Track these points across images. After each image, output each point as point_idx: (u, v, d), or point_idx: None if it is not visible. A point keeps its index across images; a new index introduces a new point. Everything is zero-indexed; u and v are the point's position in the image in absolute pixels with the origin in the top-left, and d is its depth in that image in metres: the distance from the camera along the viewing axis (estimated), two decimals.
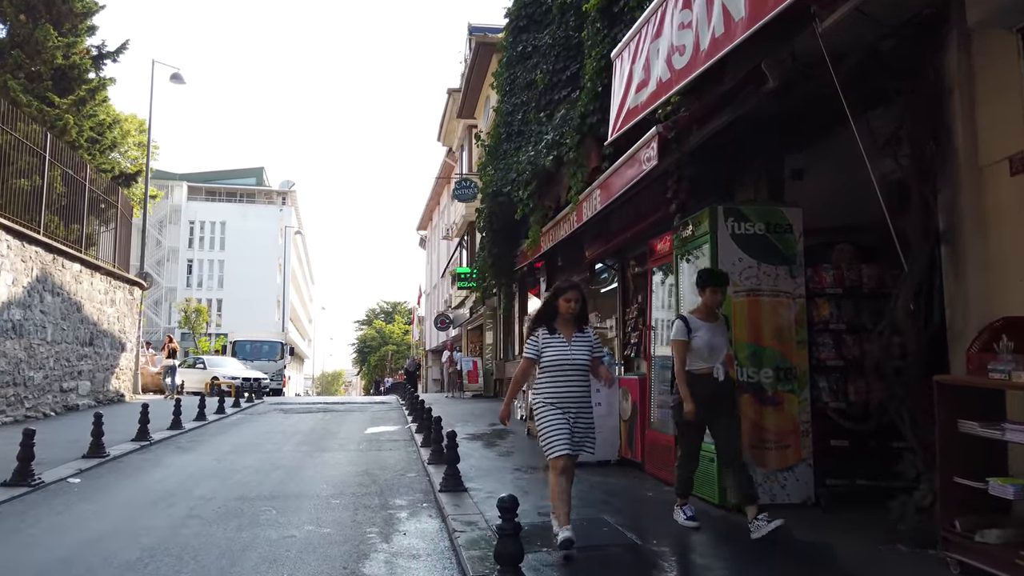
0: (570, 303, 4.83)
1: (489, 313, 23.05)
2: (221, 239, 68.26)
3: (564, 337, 4.86)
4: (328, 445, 10.75)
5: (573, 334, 4.89)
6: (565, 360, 4.78)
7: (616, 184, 6.57)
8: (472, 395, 22.59)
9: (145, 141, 52.97)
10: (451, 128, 28.14)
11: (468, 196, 20.13)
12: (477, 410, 16.69)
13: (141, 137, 53.64)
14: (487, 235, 11.26)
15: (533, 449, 9.84)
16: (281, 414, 16.59)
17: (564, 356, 4.79)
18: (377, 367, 71.61)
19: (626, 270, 10.92)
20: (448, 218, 35.69)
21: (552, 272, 13.45)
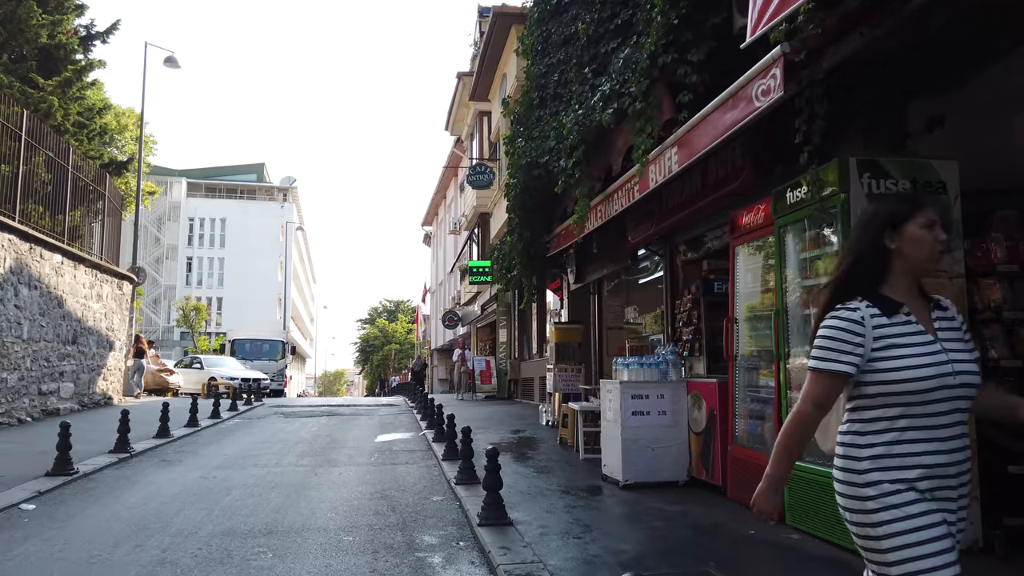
0: (934, 233, 2.17)
1: (503, 309, 21.68)
2: (221, 236, 66.85)
3: (920, 322, 2.12)
4: (335, 458, 9.38)
5: (933, 314, 2.17)
6: (941, 377, 2.02)
7: (703, 137, 5.20)
8: (485, 397, 21.22)
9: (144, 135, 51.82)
10: (460, 116, 26.77)
11: (483, 182, 18.77)
12: (494, 414, 15.32)
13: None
14: (518, 216, 9.86)
15: (572, 462, 8.47)
16: (282, 418, 15.22)
17: (937, 368, 2.03)
18: (380, 366, 70.28)
19: (674, 257, 9.54)
20: (455, 212, 34.31)
21: (583, 262, 12.07)
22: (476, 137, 24.51)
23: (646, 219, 8.83)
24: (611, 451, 6.79)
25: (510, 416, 14.58)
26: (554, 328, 12.52)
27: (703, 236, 8.79)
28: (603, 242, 10.12)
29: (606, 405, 6.98)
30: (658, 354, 6.93)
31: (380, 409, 17.97)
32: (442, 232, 41.02)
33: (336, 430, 12.85)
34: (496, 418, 14.23)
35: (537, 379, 18.12)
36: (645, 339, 11.59)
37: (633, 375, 6.73)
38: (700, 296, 8.73)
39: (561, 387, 12.37)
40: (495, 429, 12.29)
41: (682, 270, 9.53)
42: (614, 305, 12.82)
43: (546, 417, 12.79)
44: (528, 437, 11.23)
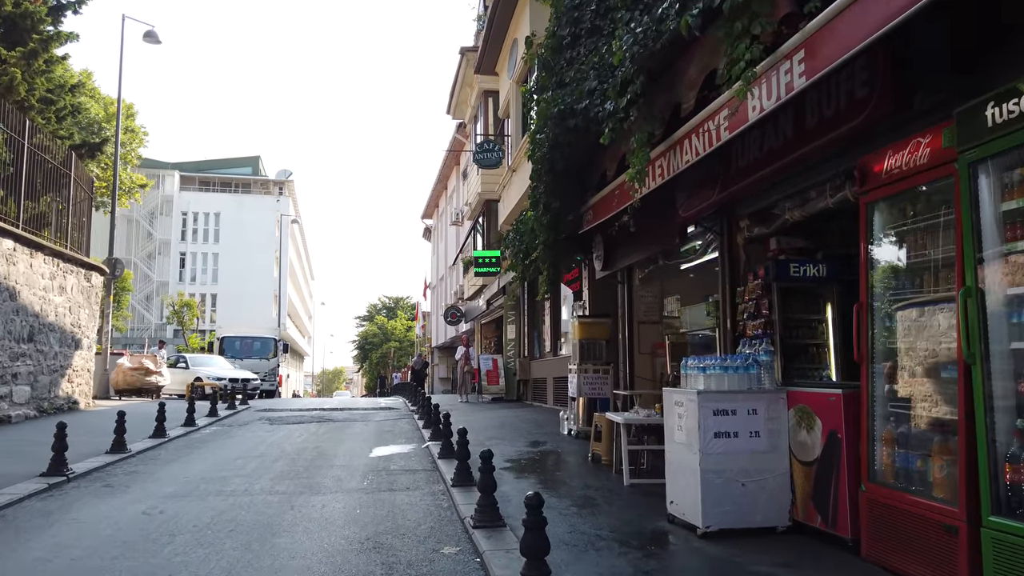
0: None
1: (511, 303, 19.95)
2: (215, 231, 65.02)
3: None
4: (320, 481, 7.64)
5: None
6: None
7: (848, 33, 3.44)
8: (492, 399, 19.50)
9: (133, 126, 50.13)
10: (463, 97, 25.01)
11: (491, 160, 17.01)
12: (505, 420, 13.58)
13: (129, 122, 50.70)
14: (545, 182, 8.02)
15: (616, 490, 6.74)
16: (267, 425, 13.49)
17: None
18: (379, 364, 68.61)
19: (734, 234, 7.80)
20: (457, 202, 32.57)
21: (613, 244, 10.32)
22: (480, 120, 22.74)
23: (705, 184, 7.10)
24: (683, 485, 5.06)
25: (524, 423, 12.85)
26: (577, 323, 10.80)
27: (774, 206, 7.05)
28: (643, 218, 8.38)
29: (673, 421, 5.25)
30: (743, 354, 5.18)
31: (377, 413, 16.23)
32: (443, 224, 39.27)
33: (326, 441, 11.12)
34: (508, 425, 12.50)
35: (551, 380, 16.40)
36: (685, 335, 9.87)
37: (714, 382, 4.99)
38: (771, 281, 7.03)
39: (586, 391, 10.66)
40: (510, 440, 10.56)
41: (743, 250, 7.80)
42: (647, 296, 11.10)
43: (568, 426, 11.07)
44: (550, 451, 9.50)
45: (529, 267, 10.02)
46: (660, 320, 10.98)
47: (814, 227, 7.40)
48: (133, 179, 51.32)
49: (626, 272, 11.02)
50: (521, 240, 10.06)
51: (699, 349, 9.29)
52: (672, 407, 5.26)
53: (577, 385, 10.64)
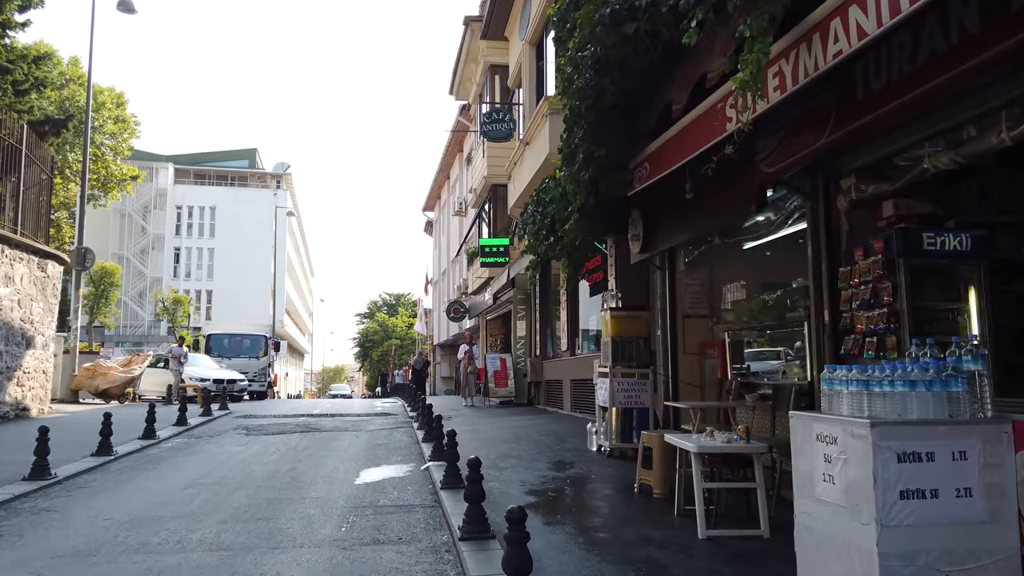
0: None
1: (520, 297, 18.04)
2: (211, 225, 63.15)
3: None
4: (283, 526, 5.74)
5: None
6: None
7: None
8: (499, 402, 17.59)
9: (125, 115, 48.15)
10: (467, 74, 23.07)
11: (500, 132, 15.07)
12: (519, 430, 11.67)
13: (120, 111, 48.88)
14: (585, 122, 5.96)
15: (691, 547, 4.80)
16: (241, 437, 11.60)
17: None
18: (380, 362, 66.82)
19: (832, 198, 5.90)
20: (460, 191, 30.67)
21: (654, 220, 8.39)
22: (487, 98, 20.80)
23: (805, 125, 5.18)
24: (837, 572, 3.13)
25: (542, 434, 10.94)
26: (610, 317, 8.87)
27: (899, 154, 5.16)
28: (704, 179, 6.45)
29: (814, 466, 3.32)
30: (931, 360, 3.22)
31: (371, 421, 14.32)
32: (445, 216, 37.37)
33: (306, 459, 9.21)
34: (524, 438, 10.58)
35: (568, 383, 14.49)
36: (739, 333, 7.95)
37: (890, 405, 3.07)
38: (897, 256, 5.15)
39: (621, 400, 8.74)
40: (528, 459, 8.64)
41: (846, 218, 5.89)
42: (693, 284, 9.17)
43: (598, 441, 9.15)
44: (582, 477, 7.58)
45: (555, 245, 8.08)
46: (710, 314, 9.06)
47: (936, 190, 5.52)
48: (124, 171, 49.67)
49: (667, 256, 9.10)
50: (543, 213, 8.13)
51: (771, 348, 7.37)
52: (811, 443, 3.34)
53: (610, 392, 8.72)
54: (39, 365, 13.92)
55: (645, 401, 8.81)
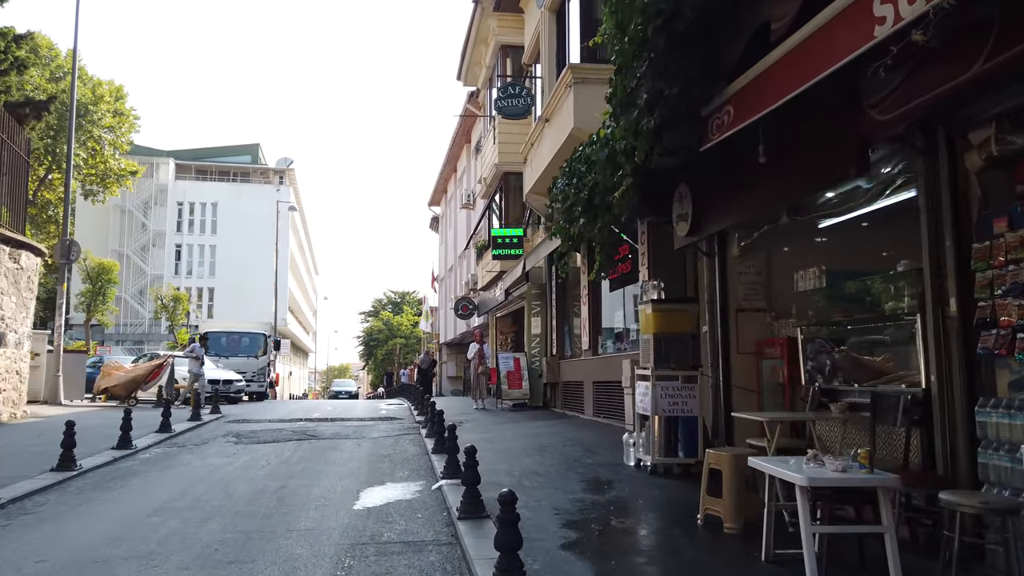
0: None
1: (535, 292, 16.79)
2: (213, 222, 61.99)
3: None
4: (260, 569, 4.50)
5: None
6: None
7: None
8: (512, 405, 16.34)
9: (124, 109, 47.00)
10: (477, 56, 21.80)
11: (517, 109, 13.80)
12: (540, 438, 10.42)
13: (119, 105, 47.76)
14: (653, 54, 4.63)
15: None
16: (229, 446, 10.38)
17: None
18: (384, 361, 65.71)
19: (958, 155, 4.64)
20: (468, 183, 29.45)
21: (707, 190, 7.13)
22: (498, 83, 19.53)
23: (948, 54, 3.91)
24: None
25: (568, 444, 9.67)
26: (651, 311, 7.60)
27: None
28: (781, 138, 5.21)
29: None
30: None
31: (375, 427, 13.09)
32: (452, 211, 36.15)
33: (298, 475, 7.98)
34: (547, 448, 9.32)
35: (590, 385, 13.23)
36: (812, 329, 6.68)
37: None
38: None
39: (665, 408, 7.48)
40: (557, 476, 7.40)
41: (978, 181, 4.63)
42: (748, 272, 7.90)
43: (636, 455, 7.90)
44: (625, 501, 6.32)
45: (592, 223, 6.77)
46: (767, 307, 7.80)
47: None
48: (124, 166, 48.57)
49: (716, 239, 7.84)
50: (579, 184, 6.84)
51: (861, 348, 6.10)
52: None
53: (652, 399, 7.46)
54: (11, 365, 12.72)
55: (692, 409, 7.55)
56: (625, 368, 10.73)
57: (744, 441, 7.63)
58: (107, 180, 47.69)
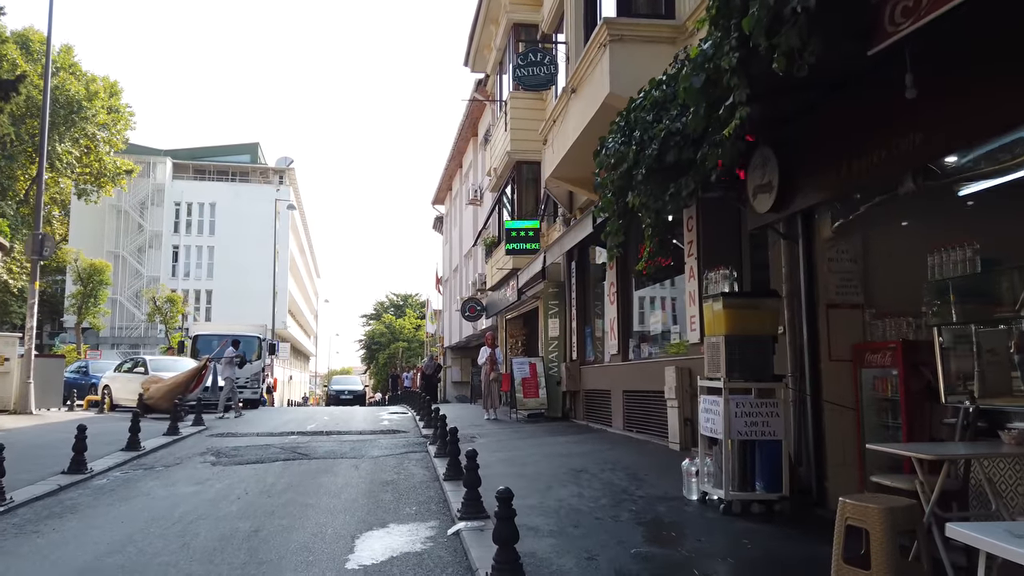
0: None
1: (552, 291, 15.23)
2: (211, 223, 60.50)
3: None
4: None
5: None
6: None
7: None
8: (528, 415, 14.77)
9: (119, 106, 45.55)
10: (486, 39, 20.28)
11: (540, 78, 12.24)
12: (567, 458, 8.84)
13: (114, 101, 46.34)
14: None
15: None
16: (205, 468, 8.83)
17: None
18: (387, 365, 64.19)
19: None
20: (475, 178, 27.93)
21: (799, 151, 5.58)
22: (510, 65, 18.01)
23: None
24: None
25: (604, 466, 8.08)
26: (722, 306, 6.03)
27: None
28: (941, 64, 3.66)
29: None
30: None
31: (376, 442, 11.51)
32: (457, 208, 34.64)
33: (280, 510, 6.42)
34: (582, 471, 7.74)
35: (619, 395, 11.66)
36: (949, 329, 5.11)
37: None
38: None
39: (742, 429, 5.91)
40: (604, 517, 5.83)
41: None
42: (842, 259, 6.33)
43: (701, 487, 6.32)
44: (710, 559, 4.74)
45: (667, 184, 5.15)
46: (865, 302, 6.23)
47: None
48: (119, 164, 47.08)
49: (801, 219, 6.28)
50: (644, 138, 5.23)
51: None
52: None
53: (725, 418, 5.89)
54: None
55: (775, 431, 5.98)
56: (669, 376, 9.18)
57: (838, 473, 6.08)
58: (101, 179, 46.32)
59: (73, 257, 40.59)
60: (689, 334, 8.94)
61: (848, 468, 6.06)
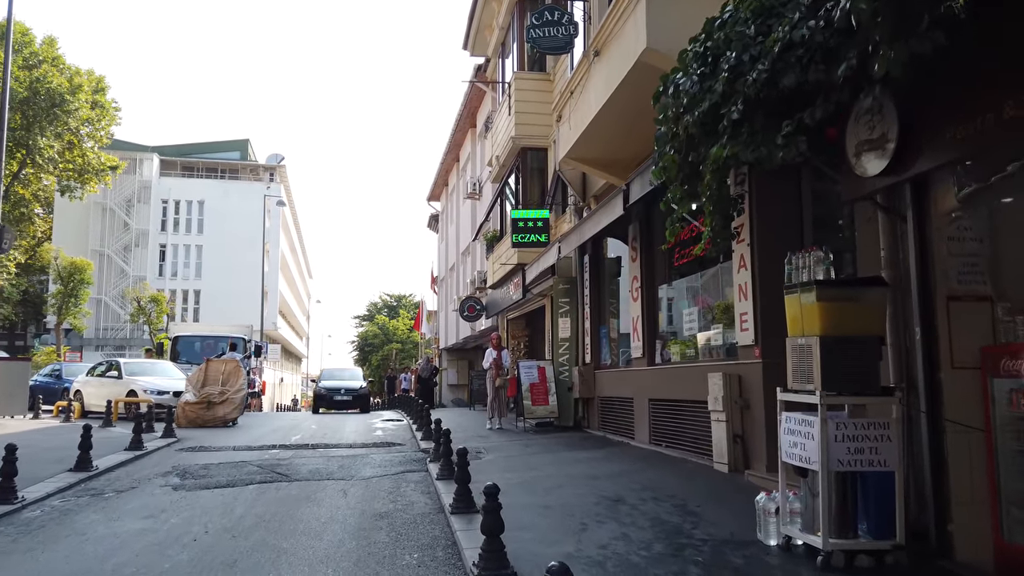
0: None
1: (563, 287, 13.83)
2: (199, 221, 58.91)
3: None
4: None
5: None
6: None
7: None
8: (536, 424, 13.38)
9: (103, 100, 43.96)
10: (487, 18, 18.88)
11: (558, 40, 10.73)
12: (596, 481, 7.44)
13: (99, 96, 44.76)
14: None
15: None
16: (163, 495, 7.41)
17: None
18: (380, 367, 62.71)
19: None
20: (474, 170, 26.55)
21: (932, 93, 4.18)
22: (514, 46, 16.65)
23: None
24: None
25: (644, 493, 6.66)
26: (816, 300, 4.65)
27: None
28: None
29: None
30: None
31: (368, 457, 10.07)
32: (453, 205, 33.23)
33: (243, 560, 5.02)
34: (620, 502, 6.34)
35: (644, 404, 10.28)
36: None
37: None
38: None
39: (843, 458, 4.55)
40: (663, 568, 4.44)
41: None
42: (964, 239, 4.96)
43: (785, 529, 4.92)
44: None
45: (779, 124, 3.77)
46: (996, 294, 4.86)
47: None
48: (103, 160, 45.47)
49: (910, 188, 4.90)
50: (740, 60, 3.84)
51: None
52: None
53: (822, 443, 4.50)
54: None
55: (887, 459, 4.62)
56: (714, 385, 7.79)
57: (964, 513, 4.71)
58: (85, 175, 44.67)
59: (53, 255, 38.99)
60: (739, 335, 7.56)
61: (977, 507, 4.69)
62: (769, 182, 7.04)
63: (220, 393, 15.69)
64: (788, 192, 7.21)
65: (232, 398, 15.89)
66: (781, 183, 7.05)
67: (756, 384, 7.25)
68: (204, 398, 15.44)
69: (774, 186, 7.12)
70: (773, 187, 7.14)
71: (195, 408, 15.33)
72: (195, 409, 15.32)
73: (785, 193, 7.18)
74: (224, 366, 16.53)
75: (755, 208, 7.24)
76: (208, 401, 15.45)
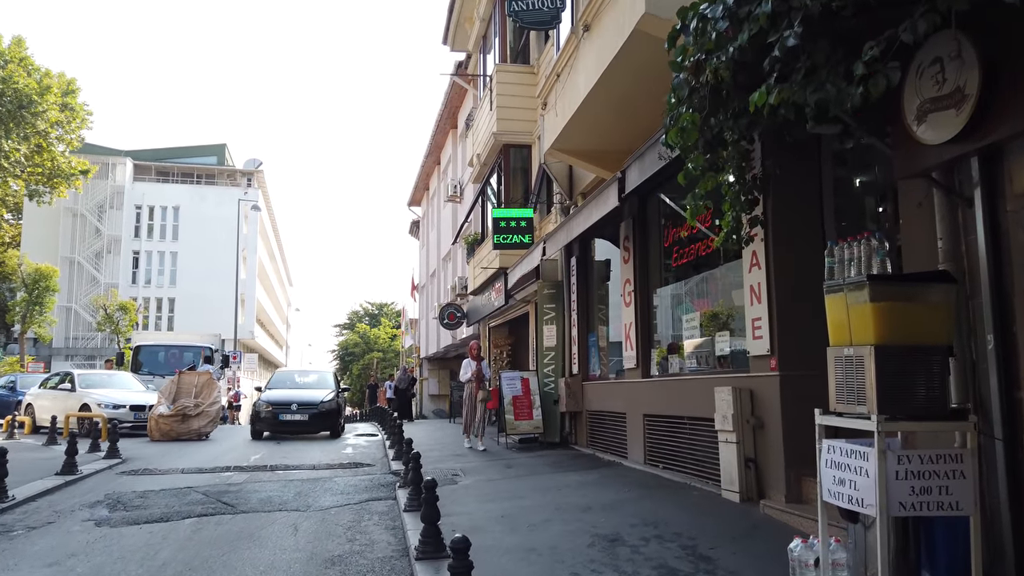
0: None
1: (549, 292, 12.83)
2: (174, 227, 57.33)
3: None
4: None
5: None
6: None
7: None
8: (519, 440, 12.36)
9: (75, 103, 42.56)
10: (468, 10, 17.93)
11: (543, 13, 9.79)
12: (588, 509, 6.43)
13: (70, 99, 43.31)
14: None
15: None
16: (81, 534, 6.32)
17: None
18: (360, 376, 61.39)
19: None
20: (455, 172, 25.59)
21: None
22: (496, 40, 15.74)
23: None
24: None
25: (646, 530, 5.65)
26: (869, 300, 3.71)
27: None
28: None
29: None
30: None
31: (332, 482, 8.98)
32: (434, 209, 32.23)
33: None
34: (618, 542, 5.32)
35: (637, 418, 9.29)
36: None
37: None
38: None
39: (906, 501, 3.56)
40: None
41: None
42: None
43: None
44: None
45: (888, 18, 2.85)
46: None
47: None
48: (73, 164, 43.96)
49: (979, 164, 3.96)
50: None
51: None
52: None
53: (881, 480, 3.52)
54: None
55: (960, 500, 3.64)
56: (721, 400, 6.81)
57: None
58: (55, 179, 43.18)
59: (18, 262, 37.48)
60: (751, 343, 6.59)
61: None
62: (783, 167, 6.08)
63: (195, 406, 15.14)
64: (806, 179, 6.28)
65: (207, 411, 15.44)
66: (796, 169, 6.11)
67: (772, 400, 6.29)
68: (179, 410, 14.89)
69: (789, 172, 6.16)
70: (788, 173, 6.18)
71: (169, 421, 14.77)
72: (169, 422, 14.76)
73: (802, 180, 6.25)
74: (196, 378, 15.90)
75: (769, 197, 6.29)
76: (183, 414, 14.97)
